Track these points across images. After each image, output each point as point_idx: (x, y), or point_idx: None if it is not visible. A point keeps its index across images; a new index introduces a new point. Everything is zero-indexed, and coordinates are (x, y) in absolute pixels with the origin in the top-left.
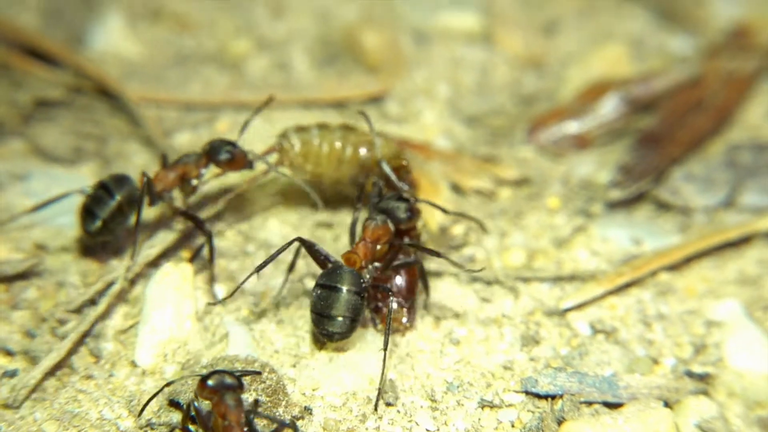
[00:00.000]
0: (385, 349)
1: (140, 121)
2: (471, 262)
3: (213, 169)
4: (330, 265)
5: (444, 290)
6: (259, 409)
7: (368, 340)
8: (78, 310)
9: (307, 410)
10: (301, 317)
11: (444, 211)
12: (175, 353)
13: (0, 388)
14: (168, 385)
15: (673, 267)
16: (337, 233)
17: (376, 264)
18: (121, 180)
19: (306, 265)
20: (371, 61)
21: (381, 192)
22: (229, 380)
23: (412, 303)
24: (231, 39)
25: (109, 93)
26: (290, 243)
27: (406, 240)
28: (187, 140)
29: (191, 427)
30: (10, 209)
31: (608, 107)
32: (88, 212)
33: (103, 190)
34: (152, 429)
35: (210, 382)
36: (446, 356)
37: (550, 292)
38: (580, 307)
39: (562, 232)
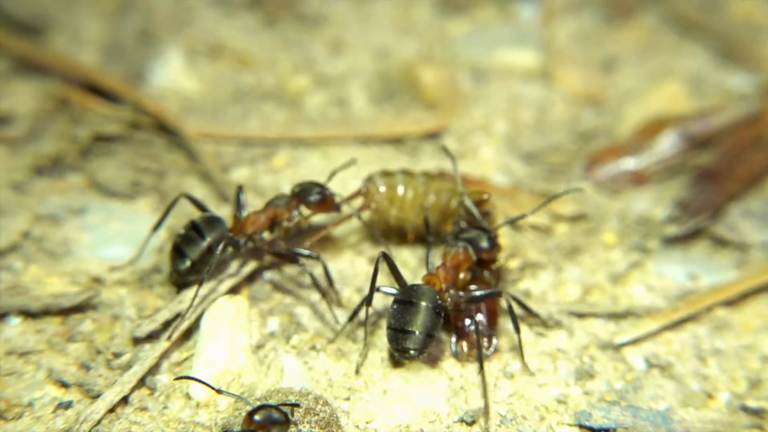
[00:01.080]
0: (481, 371)
1: (198, 157)
2: (526, 296)
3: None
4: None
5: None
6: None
7: (423, 374)
8: (144, 340)
9: None
10: (357, 350)
11: (523, 216)
12: (230, 386)
13: (55, 420)
14: None
15: (729, 302)
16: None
17: (460, 293)
18: (213, 221)
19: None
20: (429, 98)
21: (462, 230)
22: (276, 415)
23: (493, 333)
24: (290, 75)
25: (167, 129)
26: (377, 262)
27: (486, 273)
28: (244, 175)
29: None
30: (67, 243)
31: (666, 144)
32: (178, 252)
33: (195, 230)
34: None
35: (257, 417)
36: (500, 389)
37: (605, 327)
38: (635, 342)
39: (618, 268)
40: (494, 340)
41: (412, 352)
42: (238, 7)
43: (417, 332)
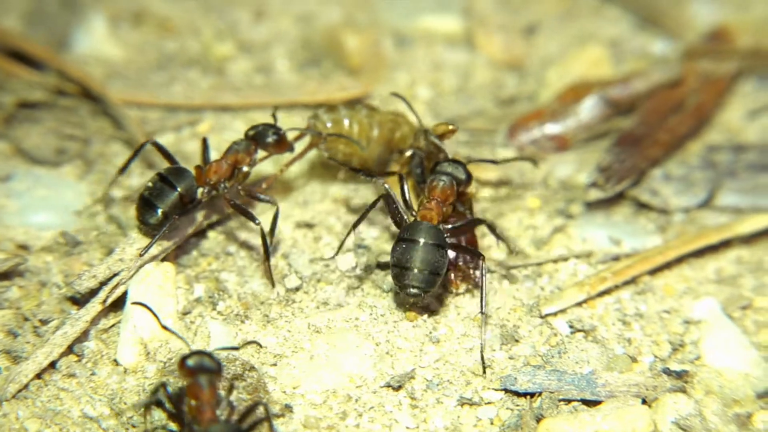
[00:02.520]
0: (482, 312)
1: (123, 123)
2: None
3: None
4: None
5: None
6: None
7: (349, 340)
8: (78, 300)
9: (288, 408)
10: (284, 317)
11: (494, 162)
12: (157, 352)
13: None
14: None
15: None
16: (317, 234)
17: (447, 225)
18: (180, 171)
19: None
20: (353, 64)
21: (422, 162)
22: (208, 362)
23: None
24: (213, 42)
25: (92, 95)
26: (378, 199)
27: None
28: (170, 141)
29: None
30: None
31: (588, 108)
32: (148, 204)
33: (164, 182)
34: (134, 427)
35: (189, 362)
36: (426, 354)
37: (530, 292)
38: (562, 312)
39: (542, 233)
40: (480, 267)
41: (414, 290)
42: None
43: (419, 270)
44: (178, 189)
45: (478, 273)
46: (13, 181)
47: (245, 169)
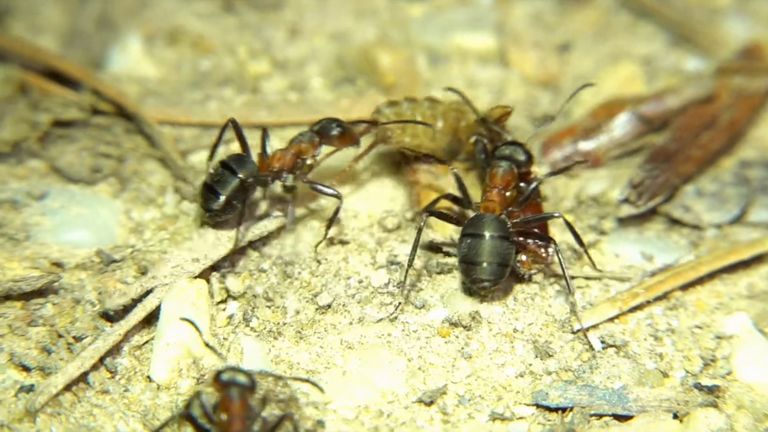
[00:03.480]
0: (570, 292)
1: (157, 141)
2: None
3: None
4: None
5: (456, 300)
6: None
7: (381, 356)
8: (111, 317)
9: (320, 423)
10: (317, 334)
11: (552, 119)
12: (190, 368)
13: (17, 403)
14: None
15: (685, 286)
16: (350, 251)
17: (516, 213)
18: (242, 159)
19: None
20: (387, 81)
21: (485, 148)
22: (241, 378)
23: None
24: (248, 60)
25: (127, 114)
26: (422, 218)
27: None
28: (205, 159)
29: None
30: (27, 228)
31: (621, 125)
32: (210, 190)
33: (226, 168)
34: None
35: (223, 376)
36: (458, 370)
37: (562, 307)
38: (594, 327)
39: (575, 248)
40: (550, 249)
41: (485, 283)
42: None
43: (487, 263)
44: (240, 175)
45: (549, 252)
46: (48, 199)
47: (309, 161)
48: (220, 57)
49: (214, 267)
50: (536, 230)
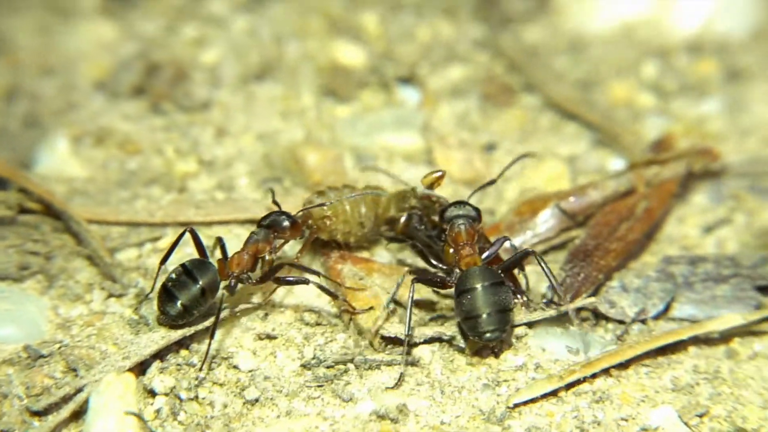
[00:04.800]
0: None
1: (85, 239)
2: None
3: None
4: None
5: (383, 394)
6: None
7: None
8: (39, 414)
9: None
10: (245, 427)
11: (492, 182)
12: None
13: None
14: None
15: (610, 374)
16: (278, 346)
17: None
18: (203, 265)
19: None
20: (313, 180)
21: (422, 219)
22: None
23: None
24: (176, 160)
25: (54, 212)
26: (411, 287)
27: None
28: (132, 257)
29: None
30: None
31: (545, 221)
32: (169, 295)
33: (186, 274)
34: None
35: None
36: None
37: (489, 399)
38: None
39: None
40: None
41: (489, 334)
42: (123, 93)
43: (487, 314)
44: (200, 283)
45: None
46: None
47: (267, 257)
48: (147, 157)
49: (143, 362)
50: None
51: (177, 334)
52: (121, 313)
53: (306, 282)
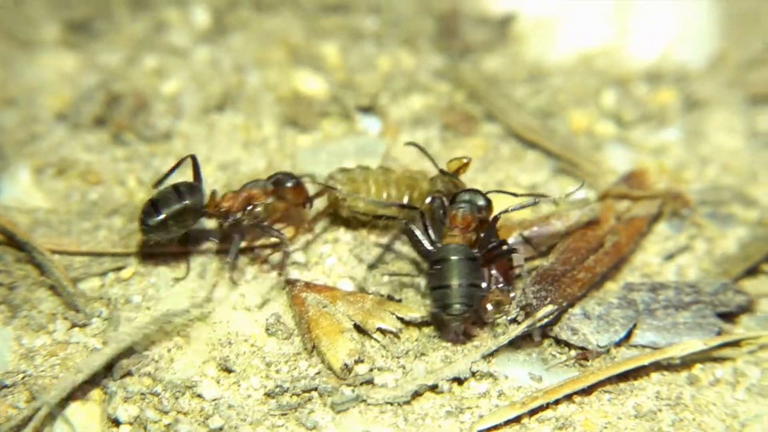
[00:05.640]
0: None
1: (48, 270)
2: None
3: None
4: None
5: (347, 421)
6: None
7: None
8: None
9: None
10: None
11: (514, 195)
12: None
13: None
14: None
15: (573, 401)
16: (239, 375)
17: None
18: (194, 188)
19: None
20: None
21: (443, 203)
22: None
23: (512, 289)
24: (138, 189)
25: (17, 243)
26: (402, 223)
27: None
28: (94, 286)
29: None
30: None
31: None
32: (153, 206)
33: (175, 191)
34: None
35: None
36: None
37: (453, 426)
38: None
39: (464, 369)
40: (512, 294)
41: (458, 305)
42: (85, 124)
43: (458, 284)
44: (186, 201)
45: (512, 295)
46: None
47: (258, 208)
48: (109, 187)
49: (106, 391)
50: (498, 270)
51: (125, 344)
52: (85, 342)
53: (280, 238)
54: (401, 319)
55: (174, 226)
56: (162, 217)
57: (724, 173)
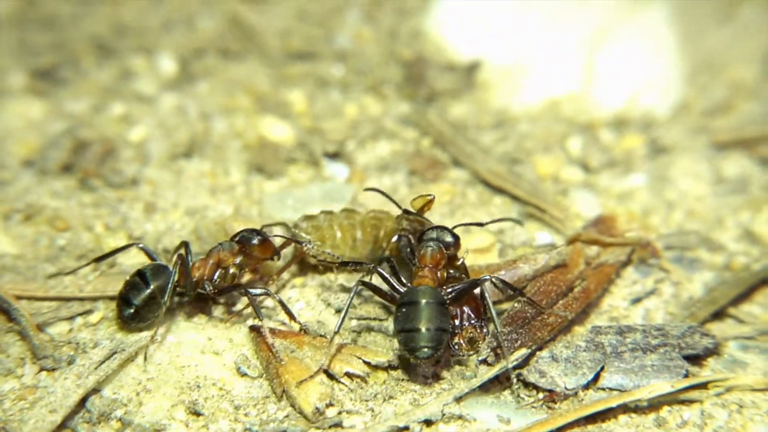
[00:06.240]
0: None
1: (14, 315)
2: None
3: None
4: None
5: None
6: None
7: None
8: None
9: None
10: None
11: (480, 225)
12: None
13: None
14: None
15: None
16: (208, 419)
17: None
18: (159, 269)
19: None
20: None
21: (409, 241)
22: None
23: (484, 323)
24: (105, 235)
25: None
26: (357, 286)
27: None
28: (62, 331)
29: None
30: None
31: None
32: (123, 299)
33: (140, 278)
34: None
35: None
36: None
37: None
38: None
39: (433, 412)
40: (484, 330)
41: (426, 350)
42: (52, 171)
43: (426, 329)
44: (151, 286)
45: (485, 332)
46: None
47: (231, 270)
48: (76, 233)
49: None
50: (470, 307)
51: (91, 381)
52: (54, 386)
53: (268, 294)
54: (368, 363)
55: (147, 311)
56: (133, 309)
57: (689, 218)
